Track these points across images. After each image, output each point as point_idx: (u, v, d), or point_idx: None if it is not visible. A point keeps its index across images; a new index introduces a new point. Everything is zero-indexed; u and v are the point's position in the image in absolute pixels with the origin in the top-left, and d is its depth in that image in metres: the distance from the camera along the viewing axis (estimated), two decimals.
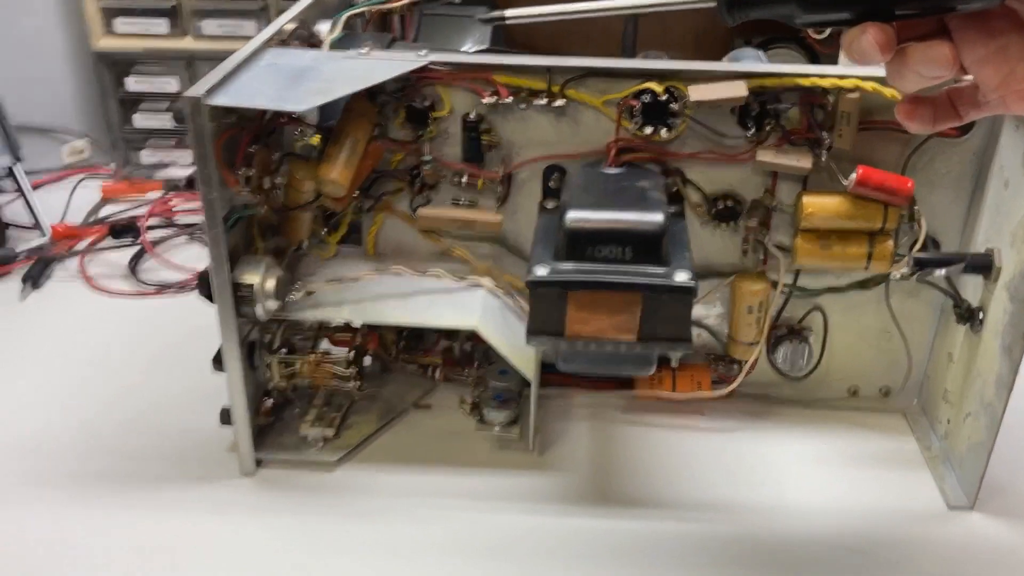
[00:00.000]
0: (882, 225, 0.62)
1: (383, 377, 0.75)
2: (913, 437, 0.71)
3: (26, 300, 0.90)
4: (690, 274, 0.53)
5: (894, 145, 0.63)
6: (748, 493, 0.65)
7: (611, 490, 0.65)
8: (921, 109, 0.45)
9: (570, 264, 0.54)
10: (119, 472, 0.66)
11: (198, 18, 1.10)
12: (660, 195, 0.58)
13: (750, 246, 0.67)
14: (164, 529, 0.61)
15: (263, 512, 0.63)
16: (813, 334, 0.70)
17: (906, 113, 0.45)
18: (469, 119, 0.64)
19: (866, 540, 0.61)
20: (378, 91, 0.64)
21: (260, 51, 0.63)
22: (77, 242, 1.00)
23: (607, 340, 0.54)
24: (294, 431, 0.68)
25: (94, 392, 0.75)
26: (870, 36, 0.39)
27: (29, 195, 1.01)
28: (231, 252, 0.59)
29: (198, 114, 0.54)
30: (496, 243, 0.69)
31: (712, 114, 0.63)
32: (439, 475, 0.66)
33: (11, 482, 0.65)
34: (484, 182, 0.66)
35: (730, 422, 0.72)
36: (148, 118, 1.16)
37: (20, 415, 0.73)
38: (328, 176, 0.62)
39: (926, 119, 0.45)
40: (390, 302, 0.65)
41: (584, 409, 0.73)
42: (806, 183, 0.65)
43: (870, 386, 0.73)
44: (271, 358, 0.65)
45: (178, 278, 0.93)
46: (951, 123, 0.45)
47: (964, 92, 0.44)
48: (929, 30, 0.40)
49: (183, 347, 0.80)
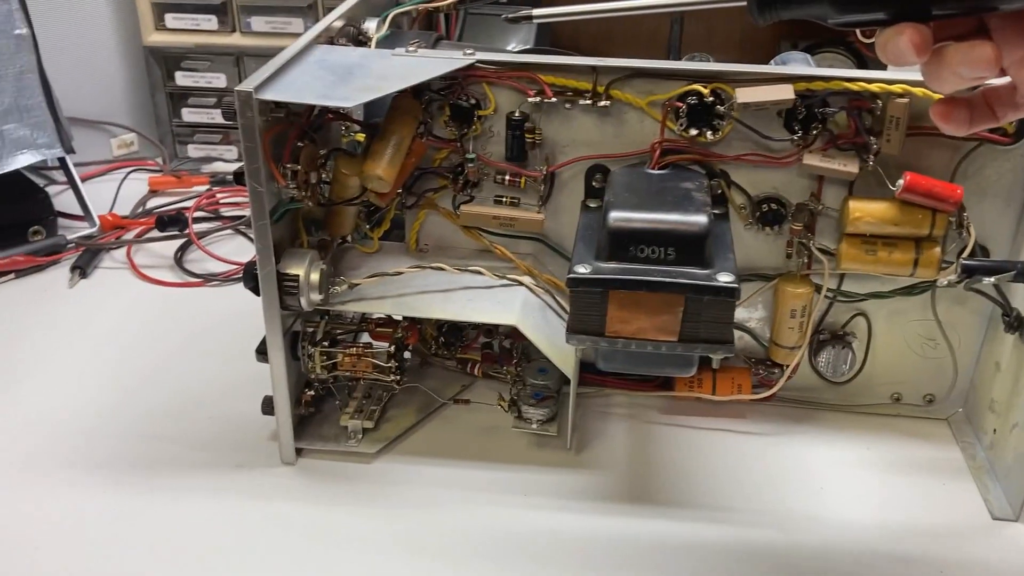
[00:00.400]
0: (929, 231, 0.62)
1: (422, 371, 0.76)
2: (957, 446, 0.70)
3: (75, 288, 0.92)
4: (733, 276, 0.53)
5: (944, 151, 0.63)
6: (787, 498, 0.65)
7: (647, 491, 0.65)
8: (957, 110, 0.44)
9: (612, 264, 0.55)
10: (162, 456, 0.68)
11: (246, 14, 1.12)
12: (704, 197, 0.58)
13: (794, 249, 0.66)
14: (206, 513, 0.63)
15: (302, 500, 0.64)
16: (856, 339, 0.70)
17: (942, 114, 0.44)
18: (514, 118, 0.64)
19: (907, 549, 0.61)
20: (424, 89, 0.64)
21: (309, 48, 0.64)
22: (124, 232, 1.02)
23: (648, 340, 0.55)
24: (334, 422, 0.69)
25: (139, 378, 0.77)
26: (906, 37, 0.38)
27: (79, 186, 1.03)
28: (277, 245, 0.60)
29: (248, 108, 0.55)
30: (537, 241, 0.69)
31: (758, 117, 0.63)
32: (476, 470, 0.67)
33: (58, 463, 0.67)
34: (527, 181, 0.67)
35: (770, 426, 0.71)
36: (196, 113, 1.18)
37: (67, 399, 0.74)
38: (373, 172, 0.62)
39: (962, 121, 0.44)
40: (431, 297, 0.65)
41: (622, 409, 0.73)
42: (852, 187, 0.64)
43: (914, 393, 0.72)
44: (313, 349, 0.65)
45: (222, 269, 0.94)
46: (987, 124, 0.44)
47: (1001, 93, 0.43)
48: (967, 29, 0.39)
49: (226, 337, 0.81)
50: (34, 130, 0.95)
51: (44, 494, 0.64)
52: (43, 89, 0.95)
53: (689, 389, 0.72)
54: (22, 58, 0.93)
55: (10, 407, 0.73)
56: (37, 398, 0.75)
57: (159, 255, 0.98)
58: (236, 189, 1.10)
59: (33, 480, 0.66)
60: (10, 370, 0.78)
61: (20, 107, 0.94)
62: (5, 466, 0.67)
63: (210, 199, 1.08)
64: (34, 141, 0.95)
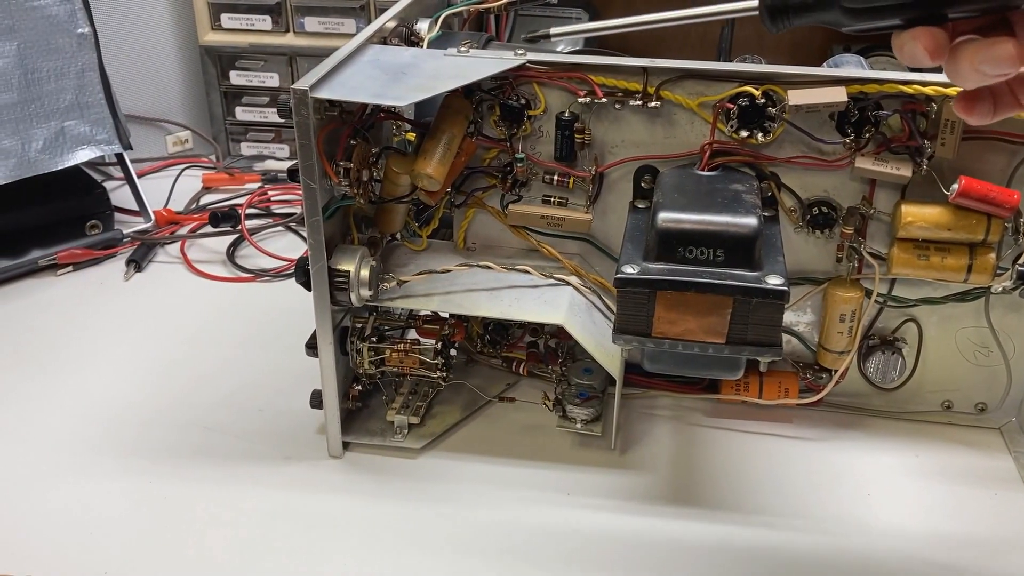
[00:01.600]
0: (984, 237, 0.61)
1: (468, 369, 0.77)
2: (1010, 455, 0.68)
3: (130, 281, 0.94)
4: (783, 279, 0.53)
5: (1000, 155, 0.62)
6: (833, 504, 0.64)
7: (691, 493, 0.65)
8: (980, 103, 0.43)
9: (660, 264, 0.55)
10: (212, 447, 0.69)
11: (300, 15, 1.14)
12: (754, 199, 0.58)
13: (845, 253, 0.66)
14: (254, 503, 0.64)
15: (348, 493, 0.65)
16: (907, 345, 0.69)
17: (965, 108, 0.44)
18: (563, 118, 0.65)
19: (955, 559, 0.60)
20: (475, 88, 0.65)
21: (362, 48, 0.65)
22: (179, 228, 1.04)
23: (694, 342, 0.54)
24: (380, 417, 0.70)
25: (190, 370, 0.79)
26: (920, 43, 0.39)
27: (135, 182, 1.05)
28: (328, 241, 0.61)
29: (303, 106, 0.56)
30: (585, 241, 0.70)
31: (810, 119, 0.62)
32: (519, 468, 0.67)
33: (112, 452, 0.69)
34: (575, 181, 0.67)
35: (817, 431, 0.71)
36: (249, 111, 1.20)
37: (120, 389, 0.76)
38: (424, 170, 0.63)
39: (986, 112, 0.44)
40: (478, 295, 0.66)
41: (667, 411, 0.73)
42: (905, 191, 0.63)
43: (965, 401, 0.71)
44: (362, 345, 0.66)
45: (273, 265, 0.96)
46: (1012, 111, 0.43)
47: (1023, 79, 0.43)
48: (988, 22, 0.39)
49: (276, 331, 0.83)
50: (94, 127, 0.98)
51: (99, 481, 0.66)
52: (103, 87, 0.98)
53: (735, 392, 0.71)
54: (84, 56, 0.95)
55: (67, 397, 0.76)
56: (92, 388, 0.77)
57: (212, 250, 1.00)
58: (288, 186, 1.12)
59: (89, 467, 0.67)
60: (67, 360, 0.81)
61: (81, 104, 0.96)
62: (63, 453, 0.69)
63: (262, 196, 1.10)
64: (93, 137, 0.98)
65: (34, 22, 0.91)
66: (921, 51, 0.39)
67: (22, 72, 0.91)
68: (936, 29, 0.39)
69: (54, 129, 0.95)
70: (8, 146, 0.91)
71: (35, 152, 0.93)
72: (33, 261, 0.94)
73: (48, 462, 0.68)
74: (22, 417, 0.73)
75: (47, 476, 0.66)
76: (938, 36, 0.38)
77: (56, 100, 0.94)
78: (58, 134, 0.95)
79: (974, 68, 0.39)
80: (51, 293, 0.92)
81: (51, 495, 0.65)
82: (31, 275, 0.94)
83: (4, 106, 0.91)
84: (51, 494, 0.65)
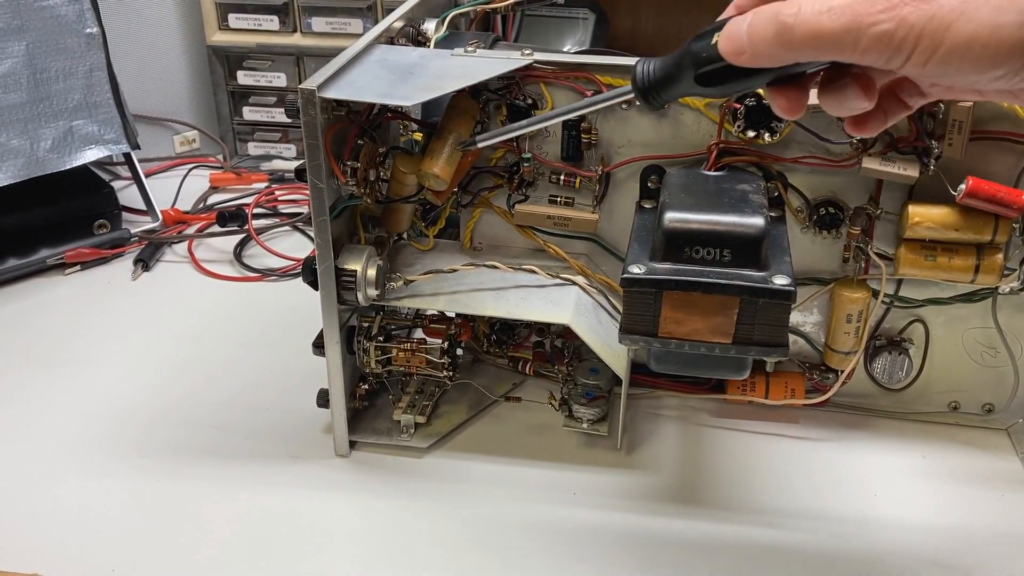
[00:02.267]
0: (992, 237, 0.61)
1: (474, 368, 0.77)
2: (1017, 457, 0.68)
3: (137, 280, 0.95)
4: (789, 279, 0.52)
5: (1008, 156, 0.61)
6: (839, 504, 0.64)
7: (697, 493, 0.65)
8: (868, 119, 0.45)
9: (666, 264, 0.55)
10: (218, 445, 0.69)
11: (307, 15, 1.14)
12: (761, 199, 0.58)
13: (851, 254, 0.66)
14: (259, 502, 0.64)
15: (355, 492, 0.65)
16: (913, 346, 0.69)
17: (856, 126, 0.45)
18: (570, 118, 0.65)
19: (962, 559, 0.60)
20: (482, 88, 0.65)
21: (370, 48, 0.65)
22: (186, 227, 1.04)
23: (701, 342, 0.54)
24: (387, 416, 0.70)
25: (197, 369, 0.79)
26: (775, 104, 0.42)
27: (143, 181, 1.06)
28: (335, 240, 0.61)
29: (311, 106, 0.57)
30: (591, 241, 0.70)
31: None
32: (525, 467, 0.67)
33: (119, 450, 0.69)
34: (582, 181, 0.67)
35: (823, 431, 0.71)
36: (256, 111, 1.21)
37: (127, 388, 0.77)
38: (431, 170, 0.63)
39: (878, 121, 0.45)
40: (484, 295, 0.66)
41: (674, 411, 0.73)
42: (912, 192, 0.63)
43: (972, 402, 0.70)
44: (368, 344, 0.66)
45: (280, 265, 0.96)
46: (903, 114, 0.45)
47: (904, 83, 0.44)
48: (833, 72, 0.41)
49: (283, 330, 0.83)
50: (102, 126, 0.98)
51: (106, 480, 0.66)
52: (111, 87, 0.98)
53: (741, 392, 0.71)
54: (92, 56, 0.96)
55: (75, 395, 0.76)
56: (100, 387, 0.77)
57: (219, 250, 1.00)
58: (295, 186, 1.12)
59: (96, 466, 0.68)
60: (75, 359, 0.81)
61: (89, 104, 0.97)
62: (71, 452, 0.69)
63: (269, 196, 1.10)
64: (101, 137, 0.98)
65: (43, 22, 0.92)
66: (779, 108, 0.42)
67: (31, 72, 0.92)
68: (787, 90, 0.41)
69: (62, 129, 0.95)
70: (17, 145, 0.92)
71: (43, 151, 0.94)
72: (41, 260, 0.95)
73: (56, 460, 0.68)
74: (31, 415, 0.73)
75: (55, 474, 0.67)
76: (789, 95, 0.42)
77: (64, 100, 0.95)
78: (66, 134, 0.95)
79: (836, 112, 0.42)
80: (59, 292, 0.92)
81: (59, 493, 0.65)
82: (39, 274, 0.95)
83: (13, 106, 0.91)
84: (59, 492, 0.65)
